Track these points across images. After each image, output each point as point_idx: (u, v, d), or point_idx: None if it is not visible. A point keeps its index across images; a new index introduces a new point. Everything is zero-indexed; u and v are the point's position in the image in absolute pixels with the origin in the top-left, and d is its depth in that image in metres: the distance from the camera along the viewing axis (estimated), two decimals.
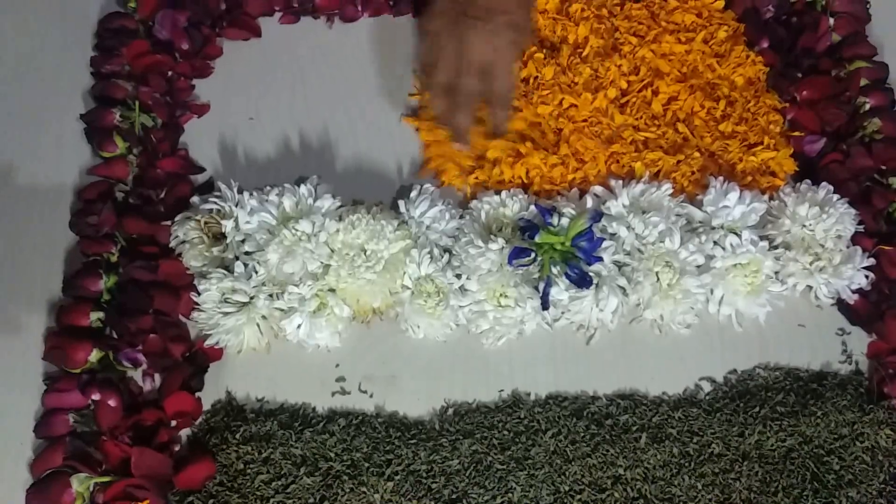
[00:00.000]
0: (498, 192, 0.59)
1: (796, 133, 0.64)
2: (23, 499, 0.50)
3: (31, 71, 0.66)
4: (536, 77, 0.64)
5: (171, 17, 0.66)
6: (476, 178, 0.61)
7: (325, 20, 0.70)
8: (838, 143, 0.63)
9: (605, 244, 0.56)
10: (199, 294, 0.55)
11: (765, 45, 0.68)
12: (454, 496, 0.51)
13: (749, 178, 0.61)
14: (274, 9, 0.70)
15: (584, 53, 0.65)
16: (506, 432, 0.53)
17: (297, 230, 0.55)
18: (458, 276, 0.56)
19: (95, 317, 0.55)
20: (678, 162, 0.61)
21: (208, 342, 0.55)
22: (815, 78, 0.66)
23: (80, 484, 0.50)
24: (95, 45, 0.67)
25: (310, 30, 0.69)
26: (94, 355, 0.54)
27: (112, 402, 0.52)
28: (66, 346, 0.54)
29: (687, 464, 0.52)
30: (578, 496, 0.51)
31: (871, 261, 0.57)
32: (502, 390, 0.55)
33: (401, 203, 0.59)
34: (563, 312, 0.56)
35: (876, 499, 0.51)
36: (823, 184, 0.60)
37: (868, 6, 0.69)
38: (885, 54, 0.68)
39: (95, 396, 0.52)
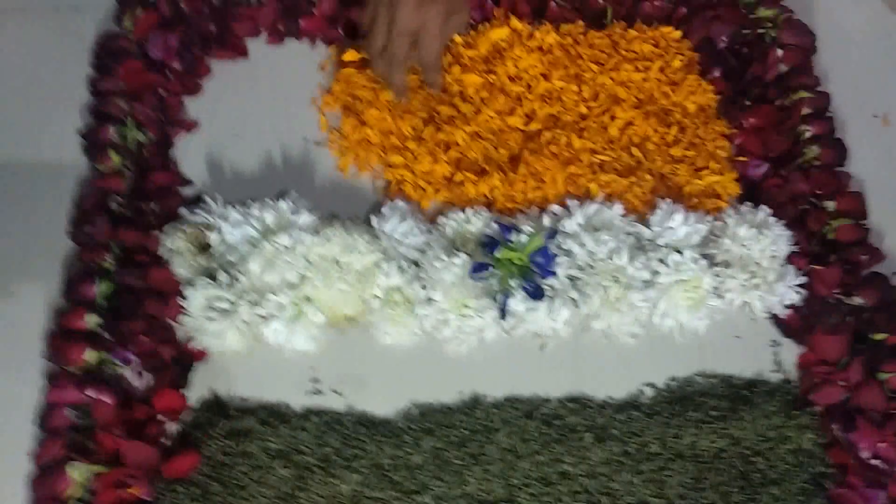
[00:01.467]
0: (463, 210, 0.64)
1: (742, 158, 0.69)
2: (26, 486, 0.55)
3: (32, 86, 0.70)
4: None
5: (163, 37, 0.71)
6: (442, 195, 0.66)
7: (308, 42, 0.75)
8: (779, 168, 0.68)
9: (559, 259, 0.62)
10: (186, 300, 0.60)
11: (717, 73, 0.72)
12: (415, 488, 0.56)
13: (695, 200, 0.66)
14: (260, 31, 0.74)
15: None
16: (464, 430, 0.58)
17: (276, 243, 0.60)
18: (424, 287, 0.61)
19: (91, 320, 0.60)
20: (631, 184, 0.66)
21: (194, 344, 0.60)
22: (761, 106, 0.71)
23: (77, 473, 0.55)
24: (93, 63, 0.71)
25: (294, 51, 0.74)
26: (91, 355, 0.58)
27: (107, 399, 0.57)
28: (65, 346, 0.59)
29: (627, 461, 0.57)
30: (528, 489, 0.56)
31: (804, 279, 0.63)
32: (462, 392, 0.60)
33: (373, 218, 0.63)
34: (519, 322, 0.61)
35: (797, 496, 0.56)
36: (762, 207, 0.65)
37: (815, 39, 0.74)
38: (829, 84, 0.73)
39: (92, 393, 0.57)
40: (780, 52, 0.72)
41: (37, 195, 0.66)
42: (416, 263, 0.62)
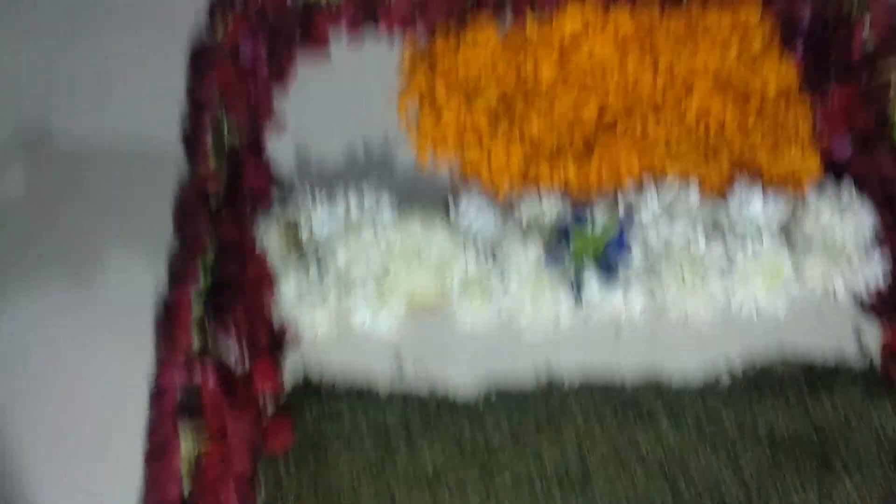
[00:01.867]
0: (538, 197, 0.66)
1: (825, 138, 0.67)
2: (141, 462, 0.61)
3: (134, 95, 0.76)
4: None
5: (251, 44, 0.76)
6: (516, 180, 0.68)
7: (386, 40, 0.77)
8: (865, 147, 0.66)
9: (634, 246, 0.62)
10: (280, 290, 0.65)
11: (799, 53, 0.71)
12: (495, 467, 0.59)
13: (776, 182, 0.66)
14: (341, 32, 0.78)
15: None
16: (541, 414, 0.60)
17: (361, 237, 0.64)
18: (501, 275, 0.63)
19: (197, 310, 0.65)
20: (708, 167, 0.66)
21: (288, 331, 0.65)
22: (846, 84, 0.69)
23: (187, 449, 0.60)
24: (189, 69, 0.77)
25: (373, 50, 0.77)
26: (197, 341, 0.64)
27: (211, 381, 0.62)
28: (173, 332, 0.64)
29: (703, 444, 0.58)
30: (604, 471, 0.58)
31: (889, 261, 0.61)
32: (539, 376, 0.62)
33: (451, 210, 0.66)
34: (595, 308, 0.63)
35: (879, 483, 0.56)
36: (847, 188, 0.63)
37: None
38: None
39: (199, 376, 0.63)
40: (866, 30, 0.70)
41: (143, 195, 0.72)
42: (493, 252, 0.64)
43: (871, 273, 0.61)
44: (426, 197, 0.69)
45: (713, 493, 0.56)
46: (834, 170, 0.66)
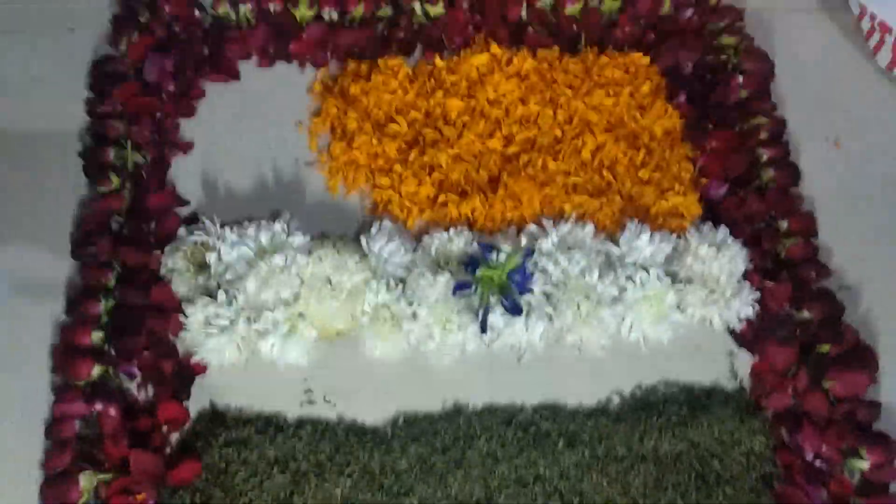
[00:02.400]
0: (446, 230, 0.69)
1: (704, 180, 0.74)
2: (37, 493, 0.59)
3: (31, 110, 0.73)
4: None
5: (158, 61, 0.74)
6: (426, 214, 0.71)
7: (297, 64, 0.78)
8: (738, 189, 0.74)
9: (535, 277, 0.66)
10: (186, 317, 0.64)
11: (682, 98, 0.77)
12: (402, 491, 0.61)
13: (661, 220, 0.71)
14: (251, 54, 0.78)
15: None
16: (447, 437, 0.63)
17: (271, 262, 0.64)
18: (410, 304, 0.65)
19: (96, 336, 0.63)
20: (601, 204, 0.71)
21: (194, 359, 0.64)
22: (722, 130, 0.76)
23: (86, 480, 0.59)
24: (90, 85, 0.74)
25: (284, 73, 0.78)
26: (96, 370, 0.62)
27: (112, 411, 0.61)
28: (71, 361, 0.62)
29: (595, 464, 0.62)
30: (506, 490, 0.61)
31: (758, 294, 0.68)
32: (445, 401, 0.65)
33: (362, 238, 0.68)
34: (498, 335, 0.66)
35: (748, 494, 0.62)
36: (722, 226, 0.70)
37: (773, 66, 0.80)
38: (785, 108, 0.79)
39: (98, 406, 0.61)
40: (740, 78, 0.78)
41: (39, 215, 0.69)
42: (403, 281, 0.66)
43: (741, 305, 0.67)
44: (337, 224, 0.70)
45: None
46: (711, 209, 0.73)
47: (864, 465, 0.62)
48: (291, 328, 0.64)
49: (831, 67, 0.82)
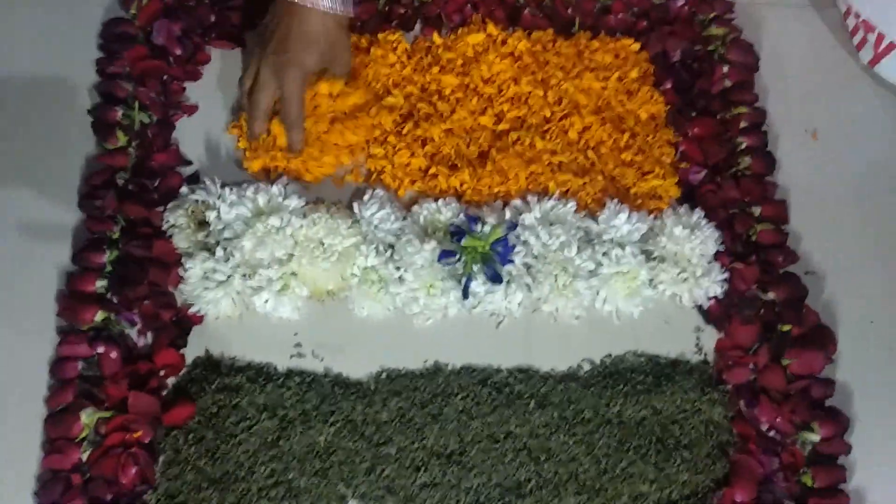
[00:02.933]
0: (435, 200, 0.72)
1: (684, 164, 0.78)
2: (41, 427, 0.63)
3: (44, 67, 0.76)
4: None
5: (166, 25, 0.77)
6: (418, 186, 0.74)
7: None
8: (715, 175, 0.77)
9: (517, 249, 0.70)
10: (185, 270, 0.68)
11: (668, 85, 0.81)
12: (382, 441, 0.65)
13: (639, 201, 0.75)
14: (256, 22, 0.80)
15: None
16: (426, 393, 0.67)
17: (268, 223, 0.68)
18: (398, 268, 0.69)
19: (100, 284, 0.67)
20: (584, 183, 0.74)
21: (192, 310, 0.68)
22: (705, 118, 0.79)
23: (87, 417, 0.63)
24: (99, 46, 0.77)
25: None
26: (99, 315, 0.66)
27: (113, 354, 0.65)
28: (76, 307, 0.66)
29: (563, 425, 0.67)
30: (478, 445, 0.65)
31: (726, 275, 0.72)
32: (426, 360, 0.69)
33: (355, 204, 0.71)
34: (479, 302, 0.70)
35: (704, 459, 0.66)
36: (697, 209, 0.74)
37: (758, 58, 0.83)
38: (767, 99, 0.82)
39: (100, 349, 0.65)
40: (725, 68, 0.81)
41: (49, 170, 0.72)
42: (392, 247, 0.70)
43: (711, 285, 0.71)
44: (332, 191, 0.74)
45: (570, 467, 0.65)
46: (689, 192, 0.77)
47: (816, 437, 0.67)
48: (284, 286, 0.68)
49: (815, 62, 0.86)
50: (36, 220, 0.70)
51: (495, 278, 0.69)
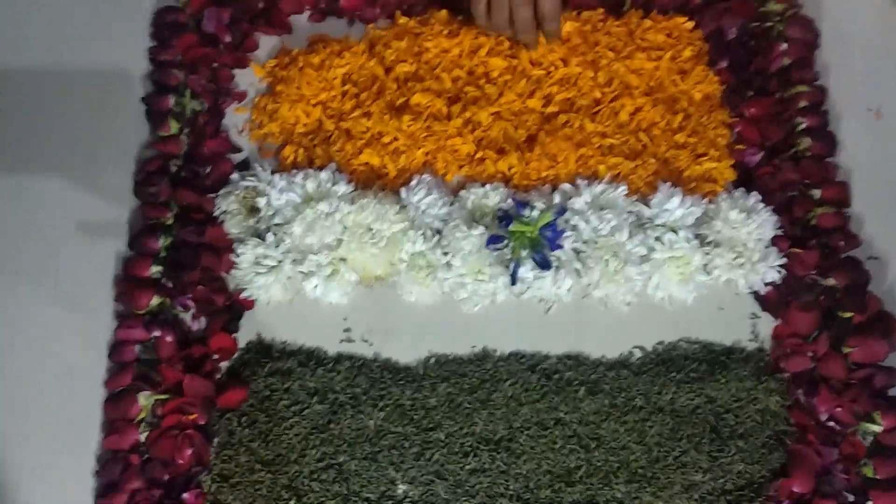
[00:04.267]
0: (483, 185, 0.72)
1: (739, 146, 0.75)
2: (100, 409, 0.65)
3: (97, 57, 0.78)
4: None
5: (216, 13, 0.78)
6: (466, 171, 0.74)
7: (346, 20, 0.81)
8: (773, 156, 0.74)
9: (566, 234, 0.69)
10: (237, 256, 0.69)
11: (724, 64, 0.78)
12: (430, 426, 0.65)
13: (693, 184, 0.73)
14: (304, 8, 0.81)
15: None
16: (474, 379, 0.67)
17: (317, 209, 0.68)
18: (446, 254, 0.69)
19: (155, 269, 0.69)
20: (636, 167, 0.73)
21: (244, 294, 0.69)
22: (762, 97, 0.77)
23: (144, 399, 0.64)
24: (151, 34, 0.78)
25: (334, 28, 0.80)
26: (155, 300, 0.68)
27: (169, 338, 0.66)
28: (132, 291, 0.68)
29: (614, 413, 0.66)
30: (527, 432, 0.65)
31: (784, 260, 0.70)
32: (475, 346, 0.68)
33: (402, 190, 0.71)
34: (528, 288, 0.69)
35: (760, 449, 0.65)
36: (754, 192, 0.71)
37: (818, 35, 0.79)
38: (828, 77, 0.79)
39: (156, 333, 0.66)
40: (784, 45, 0.78)
41: (104, 158, 0.74)
42: (439, 232, 0.70)
43: (767, 270, 0.69)
44: None
45: (621, 455, 0.64)
46: (745, 175, 0.74)
47: (878, 428, 0.65)
48: (333, 271, 0.68)
49: (879, 38, 0.82)
50: (93, 208, 0.72)
51: (544, 264, 0.68)
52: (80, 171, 0.73)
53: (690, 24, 0.79)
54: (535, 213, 0.69)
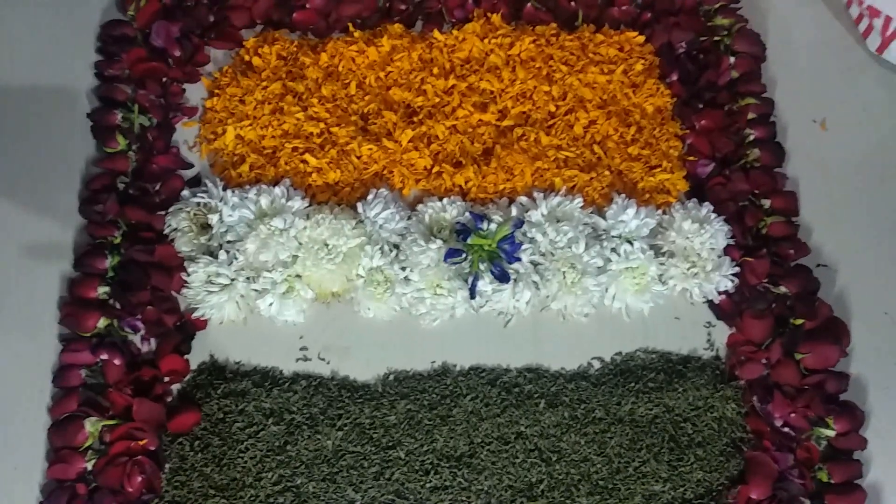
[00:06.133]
0: (440, 199, 0.71)
1: (691, 157, 0.76)
2: (45, 436, 0.62)
3: (42, 70, 0.75)
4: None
5: (165, 27, 0.76)
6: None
7: (299, 34, 0.80)
8: (724, 167, 0.76)
9: (524, 247, 0.69)
10: (188, 274, 0.67)
11: (675, 77, 0.79)
12: (390, 444, 0.64)
13: (647, 195, 0.74)
14: (255, 21, 0.79)
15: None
16: (434, 395, 0.66)
17: (271, 225, 0.67)
18: (404, 269, 0.68)
19: (102, 290, 0.66)
20: (591, 179, 0.73)
21: (196, 314, 0.67)
22: (712, 110, 0.78)
23: (91, 426, 0.62)
24: (98, 49, 0.76)
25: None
26: (102, 322, 0.65)
27: (117, 361, 0.64)
28: (78, 313, 0.65)
29: (574, 425, 0.66)
30: (488, 447, 0.65)
31: (737, 269, 0.71)
32: (434, 362, 0.68)
33: (359, 205, 0.70)
34: (486, 301, 0.69)
35: (718, 457, 0.66)
36: (706, 203, 0.73)
37: (765, 48, 0.81)
38: (775, 89, 0.81)
39: (103, 356, 0.64)
40: (732, 59, 0.80)
41: (49, 175, 0.71)
42: (397, 247, 0.69)
43: (721, 279, 0.70)
44: None
45: (582, 468, 0.64)
46: (697, 186, 0.75)
47: (831, 433, 0.66)
48: (289, 288, 0.67)
49: (823, 51, 0.84)
50: (37, 227, 0.70)
51: (503, 277, 0.68)
52: (23, 189, 0.71)
53: (641, 39, 0.80)
54: (493, 227, 0.69)
